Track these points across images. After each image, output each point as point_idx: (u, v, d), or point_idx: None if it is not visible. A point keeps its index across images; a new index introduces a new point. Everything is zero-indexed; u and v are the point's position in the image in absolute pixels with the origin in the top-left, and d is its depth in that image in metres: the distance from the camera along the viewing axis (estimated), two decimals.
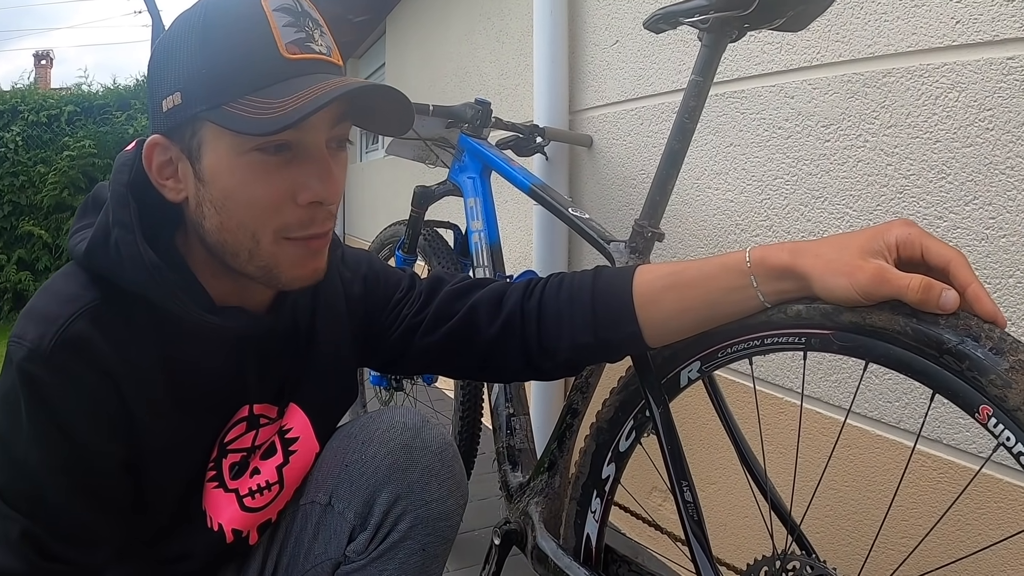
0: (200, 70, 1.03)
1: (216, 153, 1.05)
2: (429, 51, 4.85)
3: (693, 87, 1.46)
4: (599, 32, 2.71)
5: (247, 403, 1.27)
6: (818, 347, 1.11)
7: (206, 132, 1.04)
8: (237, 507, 1.28)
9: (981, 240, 1.52)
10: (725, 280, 1.14)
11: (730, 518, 2.18)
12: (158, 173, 1.10)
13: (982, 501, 1.55)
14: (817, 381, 1.89)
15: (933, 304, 0.95)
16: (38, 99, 9.98)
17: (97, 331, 1.04)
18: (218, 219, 1.08)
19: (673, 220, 2.30)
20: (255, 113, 1.00)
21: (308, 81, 1.03)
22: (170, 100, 1.05)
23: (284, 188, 1.06)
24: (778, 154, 1.97)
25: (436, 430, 1.39)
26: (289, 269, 1.13)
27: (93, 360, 1.04)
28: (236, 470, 1.28)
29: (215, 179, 1.06)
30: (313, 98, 1.00)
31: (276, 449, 1.33)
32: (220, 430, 1.24)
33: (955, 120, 1.56)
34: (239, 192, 1.06)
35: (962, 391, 0.97)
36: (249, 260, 1.11)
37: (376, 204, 6.72)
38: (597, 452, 1.47)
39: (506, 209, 3.32)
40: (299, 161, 1.07)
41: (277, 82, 1.03)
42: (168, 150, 1.08)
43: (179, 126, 1.06)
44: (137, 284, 1.06)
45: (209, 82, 1.02)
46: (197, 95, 1.03)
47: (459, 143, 2.30)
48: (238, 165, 1.05)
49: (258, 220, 1.07)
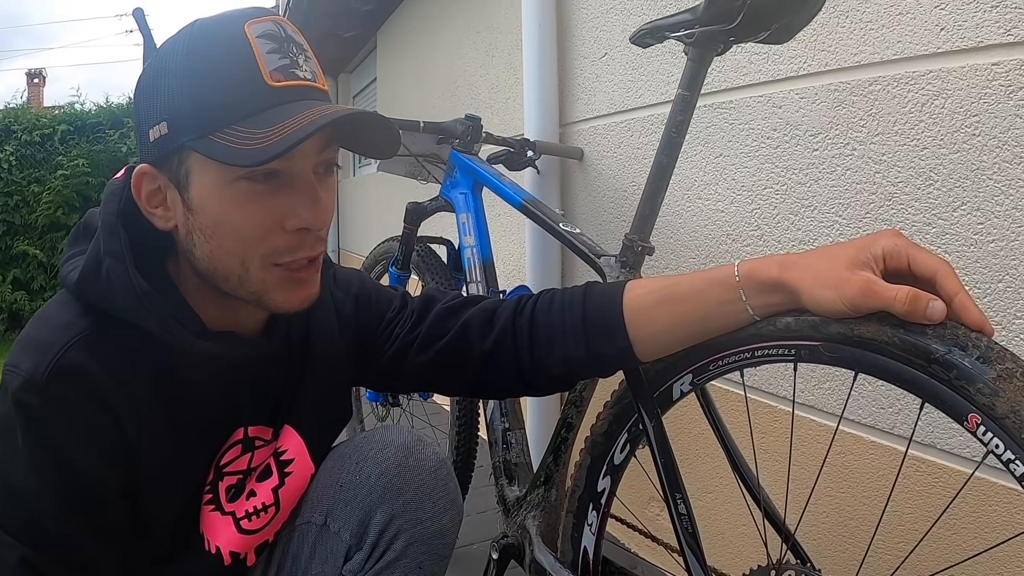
0: (185, 100, 1.03)
1: (203, 182, 1.05)
2: (420, 66, 4.86)
3: (680, 101, 1.47)
4: (587, 45, 2.72)
5: (242, 425, 1.27)
6: (808, 358, 1.11)
7: (193, 161, 1.05)
8: (234, 530, 1.28)
9: (970, 246, 1.53)
10: (714, 295, 1.14)
11: (725, 528, 2.18)
12: (147, 201, 1.10)
13: (976, 505, 1.55)
14: (810, 389, 1.90)
15: (920, 315, 0.96)
16: (31, 118, 9.98)
17: (91, 359, 1.05)
18: (207, 247, 1.08)
19: (664, 231, 2.31)
20: (240, 144, 1.00)
21: (293, 109, 1.03)
22: (156, 130, 1.05)
23: (272, 215, 1.06)
24: (767, 164, 1.98)
25: (430, 449, 1.40)
26: (277, 295, 1.13)
27: (88, 388, 1.04)
28: (232, 493, 1.28)
29: (203, 208, 1.06)
30: (298, 128, 1.00)
31: (272, 471, 1.33)
32: (215, 453, 1.24)
33: (941, 127, 1.57)
34: (227, 220, 1.06)
35: (951, 400, 0.97)
36: (239, 286, 1.11)
37: (370, 219, 6.72)
38: (592, 465, 1.48)
39: (499, 223, 3.32)
40: (287, 188, 1.07)
41: (262, 111, 1.03)
42: (156, 179, 1.08)
43: (166, 155, 1.06)
44: (129, 312, 1.06)
45: (194, 112, 1.02)
46: (182, 125, 1.03)
47: (450, 159, 2.31)
48: (226, 194, 1.05)
49: (246, 247, 1.07)
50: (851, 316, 1.02)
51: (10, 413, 1.03)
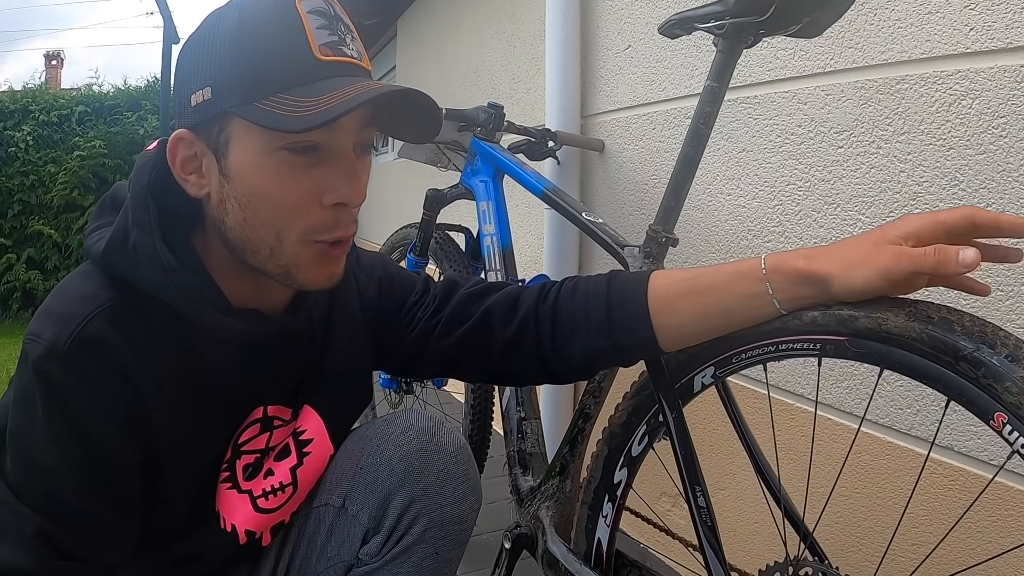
0: (232, 66, 1.03)
1: (244, 149, 1.05)
2: (440, 54, 4.86)
3: (708, 93, 1.46)
4: (611, 36, 2.72)
5: (261, 404, 1.27)
6: (833, 353, 1.11)
7: (234, 128, 1.05)
8: (251, 508, 1.28)
9: None
10: (740, 287, 1.14)
11: (742, 524, 2.18)
12: (181, 168, 1.10)
13: (994, 508, 1.55)
14: (829, 387, 1.89)
15: (953, 263, 0.96)
16: (49, 99, 10.03)
17: (114, 331, 1.05)
18: (241, 215, 1.08)
19: (685, 225, 2.30)
20: (288, 111, 1.01)
21: (341, 83, 1.04)
22: (200, 95, 1.05)
23: (310, 188, 1.07)
24: (791, 160, 1.97)
25: (451, 434, 1.39)
26: (307, 271, 1.13)
27: (109, 360, 1.04)
28: (250, 471, 1.28)
29: (241, 175, 1.06)
30: (345, 99, 1.01)
31: (290, 451, 1.33)
32: (234, 431, 1.24)
33: (968, 127, 1.56)
34: (265, 189, 1.06)
35: (977, 398, 0.97)
36: (269, 258, 1.11)
37: (387, 207, 6.72)
38: (609, 457, 1.47)
39: (517, 213, 3.32)
40: (326, 163, 1.08)
41: (310, 82, 1.04)
42: (193, 145, 1.09)
43: (207, 121, 1.06)
44: (154, 286, 1.06)
45: (241, 78, 1.03)
46: (228, 91, 1.03)
47: (472, 146, 2.30)
48: (266, 163, 1.05)
49: (283, 220, 1.08)
50: (887, 292, 1.03)
51: (30, 382, 1.03)
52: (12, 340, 7.90)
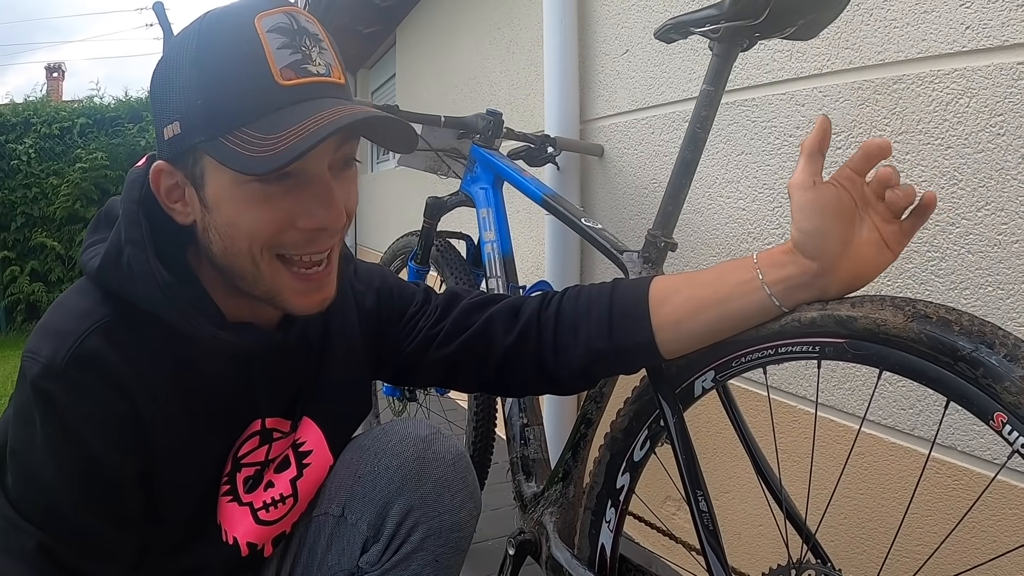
0: (195, 99, 1.02)
1: (217, 183, 1.05)
2: (440, 61, 4.86)
3: (704, 96, 1.46)
4: (609, 41, 2.72)
5: (259, 417, 1.27)
6: (832, 356, 1.11)
7: (207, 162, 1.04)
8: (252, 521, 1.28)
9: (993, 246, 1.52)
10: (733, 276, 1.17)
11: (745, 527, 2.17)
12: (167, 197, 1.10)
13: (997, 508, 1.54)
14: (831, 389, 1.89)
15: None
16: (50, 111, 10.06)
17: (110, 347, 1.05)
18: (222, 244, 1.09)
19: (685, 229, 2.30)
20: (250, 150, 0.99)
21: (305, 110, 1.02)
22: (170, 129, 1.05)
23: (284, 216, 1.06)
24: (790, 162, 1.97)
25: (448, 441, 1.40)
26: (295, 298, 1.13)
27: (106, 375, 1.05)
28: (250, 484, 1.29)
29: (218, 207, 1.06)
30: (307, 134, 0.98)
31: (290, 463, 1.34)
32: (232, 444, 1.25)
33: (966, 126, 1.56)
34: (240, 220, 1.06)
35: (976, 398, 0.97)
36: (254, 284, 1.11)
37: (388, 215, 6.73)
38: (611, 462, 1.47)
39: (518, 219, 3.32)
40: (301, 188, 1.07)
41: (272, 111, 1.01)
42: (173, 175, 1.09)
43: (181, 154, 1.06)
44: (149, 301, 1.06)
45: (205, 113, 1.02)
46: (194, 126, 1.02)
47: (471, 154, 2.30)
48: (239, 195, 1.05)
49: (256, 245, 1.07)
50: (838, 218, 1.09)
51: (29, 399, 1.04)
52: (16, 352, 7.93)
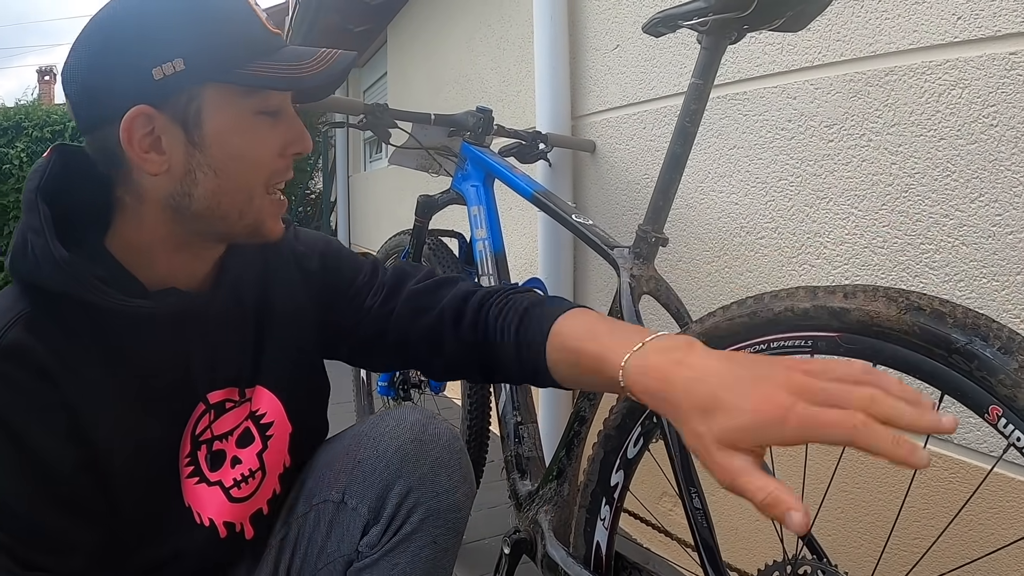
0: (201, 37, 1.06)
1: (222, 116, 1.09)
2: (431, 59, 4.86)
3: (693, 90, 1.46)
4: (600, 36, 2.71)
5: (204, 391, 1.26)
6: (825, 350, 1.10)
7: (208, 97, 1.07)
8: (224, 499, 1.28)
9: (988, 237, 1.51)
10: (602, 382, 1.10)
11: (741, 523, 2.17)
12: (139, 146, 1.08)
13: (995, 501, 1.54)
14: None
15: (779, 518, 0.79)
16: (42, 115, 10.02)
17: (31, 336, 1.05)
18: (215, 182, 1.11)
19: (678, 224, 2.29)
20: (279, 73, 1.09)
21: (296, 51, 1.14)
22: (167, 67, 1.04)
23: (279, 144, 1.15)
24: (782, 155, 1.96)
25: (443, 424, 1.41)
26: (271, 222, 1.19)
27: (32, 365, 1.04)
28: (212, 461, 1.28)
29: (219, 143, 1.09)
30: (333, 62, 1.13)
31: (253, 436, 1.33)
32: (180, 422, 1.24)
33: (959, 117, 1.55)
34: (247, 152, 1.12)
35: (971, 391, 0.96)
36: (239, 219, 1.15)
37: (380, 214, 6.72)
38: (605, 459, 1.47)
39: (511, 216, 3.32)
40: (283, 122, 1.16)
41: (272, 51, 1.12)
42: (152, 120, 1.07)
43: (172, 94, 1.06)
44: (54, 282, 1.06)
45: (217, 48, 1.06)
46: (205, 61, 1.05)
47: (461, 151, 2.30)
48: (247, 126, 1.11)
49: (256, 177, 1.14)
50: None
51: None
52: None
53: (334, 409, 1.52)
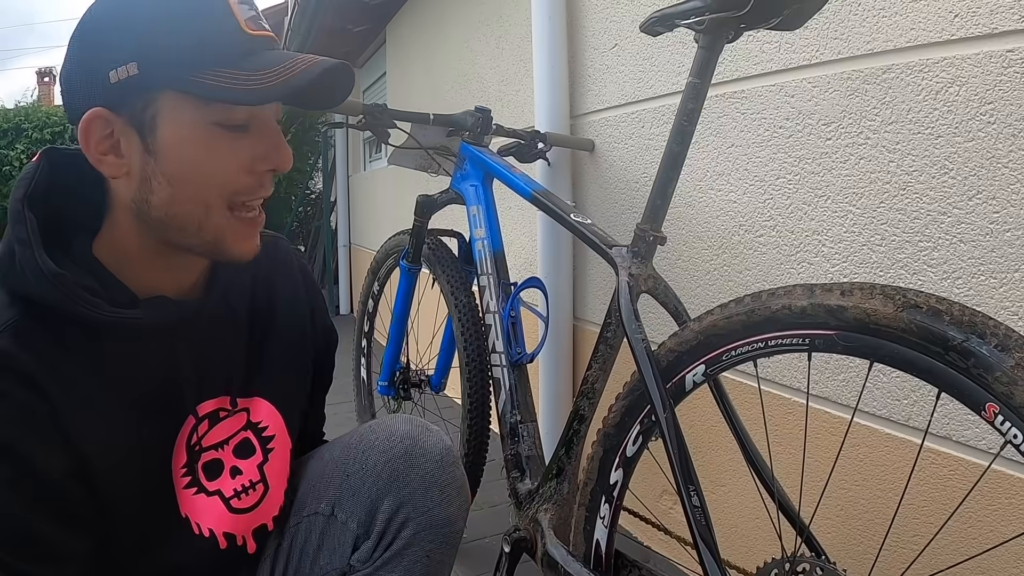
0: (161, 40, 1.03)
1: (175, 125, 1.06)
2: (430, 59, 4.86)
3: (691, 89, 1.46)
4: (598, 36, 2.71)
5: (194, 401, 1.25)
6: (822, 348, 1.10)
7: (163, 103, 1.05)
8: (224, 509, 1.27)
9: (985, 235, 1.52)
10: None
11: (740, 521, 2.17)
12: (96, 148, 1.08)
13: (993, 498, 1.54)
14: (825, 380, 1.89)
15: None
16: (41, 116, 10.04)
17: (17, 346, 1.03)
18: (169, 192, 1.08)
19: (676, 222, 2.30)
20: (238, 84, 1.03)
21: (273, 57, 1.07)
22: (122, 70, 1.03)
23: (244, 160, 1.10)
24: (780, 154, 1.96)
25: (435, 436, 1.40)
26: (237, 243, 1.15)
27: (19, 375, 1.03)
28: (208, 471, 1.27)
29: (171, 151, 1.07)
30: (300, 71, 1.06)
31: (254, 448, 1.33)
32: (172, 432, 1.22)
33: (956, 115, 1.55)
34: (199, 164, 1.08)
35: (968, 389, 0.96)
36: (197, 232, 1.12)
37: (379, 214, 6.72)
38: (605, 458, 1.47)
39: (511, 216, 3.32)
40: (255, 134, 1.11)
41: (244, 55, 1.06)
42: (110, 123, 1.06)
43: (129, 98, 1.05)
44: (44, 296, 1.05)
45: (173, 53, 1.03)
46: (159, 66, 1.03)
47: (460, 151, 2.30)
48: (200, 137, 1.07)
49: (213, 191, 1.10)
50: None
51: None
52: None
53: (335, 409, 1.52)
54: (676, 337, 1.36)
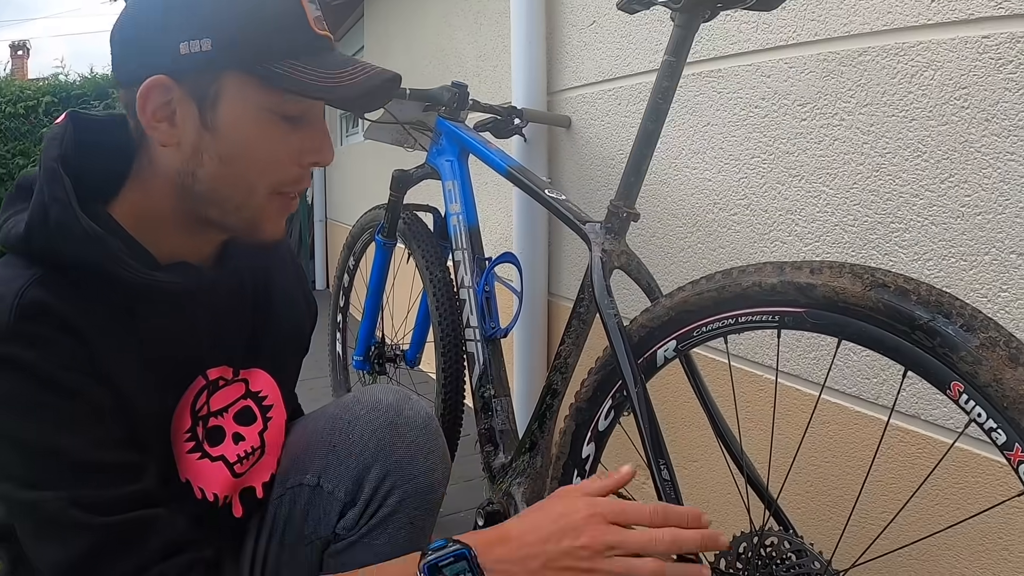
0: (237, 23, 1.05)
1: (238, 106, 1.08)
2: (408, 33, 4.83)
3: (666, 67, 1.46)
4: (576, 12, 2.71)
5: (204, 366, 1.25)
6: (792, 325, 1.12)
7: (228, 82, 1.07)
8: (228, 475, 1.27)
9: (956, 218, 1.53)
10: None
11: (709, 495, 2.19)
12: (152, 115, 1.08)
13: (959, 476, 1.56)
14: (795, 358, 1.90)
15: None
16: (15, 90, 9.94)
17: (50, 295, 1.02)
18: (218, 169, 1.10)
19: (651, 199, 2.31)
20: (310, 78, 1.07)
21: (338, 58, 1.13)
22: (195, 44, 1.04)
23: (293, 151, 1.14)
24: (755, 133, 1.98)
25: (418, 405, 1.43)
26: (270, 223, 1.18)
27: (56, 321, 1.02)
28: (211, 436, 1.27)
29: (229, 130, 1.09)
30: (367, 75, 1.12)
31: (255, 415, 1.34)
32: (179, 395, 1.22)
33: (930, 98, 1.56)
34: (252, 147, 1.11)
35: (934, 368, 0.98)
36: (236, 211, 1.14)
37: (356, 188, 6.69)
38: (577, 432, 1.48)
39: (487, 191, 3.32)
40: (306, 129, 1.14)
41: (316, 52, 1.11)
42: (170, 92, 1.07)
43: (195, 72, 1.06)
44: (82, 257, 1.04)
45: (250, 36, 1.06)
46: (233, 47, 1.05)
47: (437, 126, 2.30)
48: (259, 121, 1.10)
49: (260, 176, 1.13)
50: None
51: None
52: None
53: (310, 384, 1.53)
54: (648, 313, 1.37)
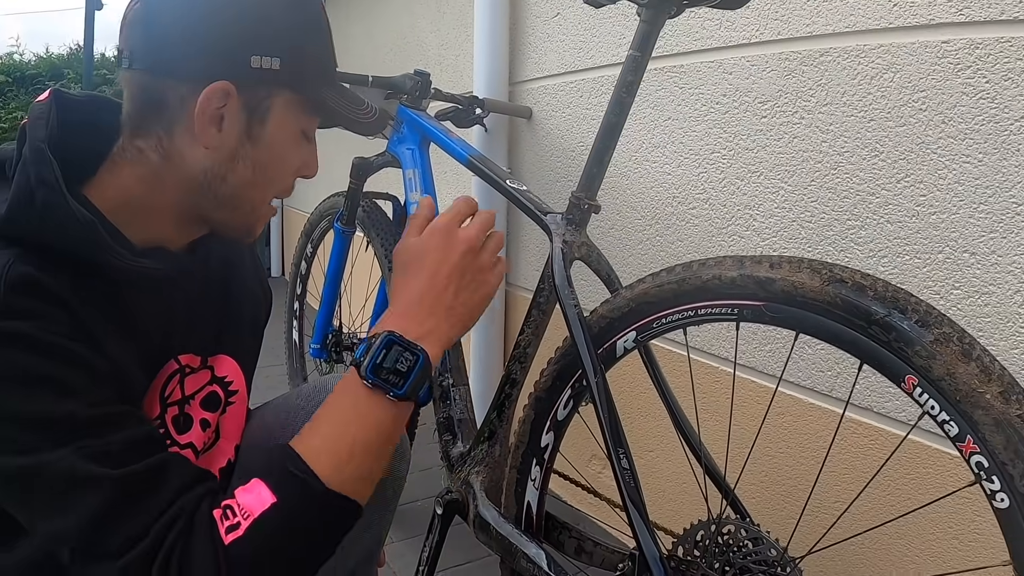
0: (302, 46, 1.15)
1: (282, 122, 1.16)
2: (370, 21, 4.81)
3: (631, 62, 1.47)
4: (540, 4, 2.71)
5: (176, 351, 1.25)
6: (750, 318, 1.14)
7: (279, 100, 1.14)
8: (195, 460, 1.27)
9: (912, 216, 1.56)
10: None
11: (668, 484, 2.21)
12: (208, 117, 1.08)
13: (912, 467, 1.59)
14: (752, 351, 1.93)
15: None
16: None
17: (37, 270, 0.99)
18: (249, 176, 1.16)
19: (612, 192, 2.32)
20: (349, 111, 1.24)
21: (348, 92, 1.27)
22: (266, 60, 1.09)
23: (298, 165, 1.24)
24: (715, 129, 1.99)
25: None
26: (260, 225, 1.26)
27: (47, 295, 0.99)
28: (180, 424, 1.26)
29: (271, 144, 1.16)
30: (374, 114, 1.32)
31: (220, 399, 1.34)
32: (150, 380, 1.20)
33: (889, 100, 1.59)
34: (281, 161, 1.19)
35: (889, 362, 1.00)
36: (248, 213, 1.22)
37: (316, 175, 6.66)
38: (536, 421, 1.49)
39: (446, 180, 3.31)
40: (309, 145, 1.25)
41: (333, 83, 1.24)
42: (227, 98, 1.08)
43: (257, 85, 1.10)
44: (70, 241, 1.02)
45: (311, 64, 1.17)
46: (298, 71, 1.13)
47: (398, 114, 2.29)
48: (293, 139, 1.19)
49: (276, 184, 1.21)
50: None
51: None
52: None
53: (266, 372, 1.53)
54: (608, 304, 1.38)
